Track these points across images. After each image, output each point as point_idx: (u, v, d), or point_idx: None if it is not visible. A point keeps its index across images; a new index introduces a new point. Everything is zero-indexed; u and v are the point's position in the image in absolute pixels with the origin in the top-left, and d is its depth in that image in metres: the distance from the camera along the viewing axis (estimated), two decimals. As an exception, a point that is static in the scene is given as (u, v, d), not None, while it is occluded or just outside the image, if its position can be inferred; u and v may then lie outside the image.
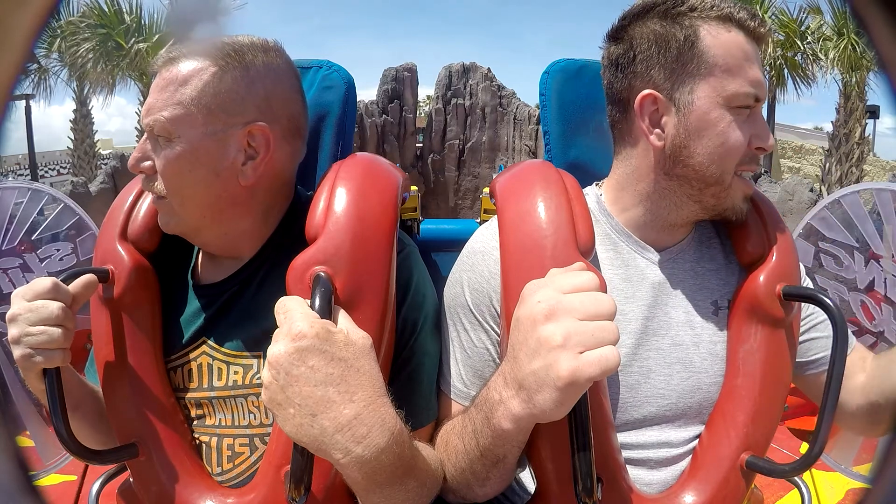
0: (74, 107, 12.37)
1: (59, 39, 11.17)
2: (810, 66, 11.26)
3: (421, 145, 8.45)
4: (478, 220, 1.57)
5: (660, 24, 0.86)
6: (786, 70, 11.44)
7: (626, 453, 0.85)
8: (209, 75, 0.83)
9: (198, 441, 0.90)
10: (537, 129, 7.97)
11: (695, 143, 0.84)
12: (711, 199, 0.88)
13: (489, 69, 8.52)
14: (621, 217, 0.94)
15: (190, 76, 0.83)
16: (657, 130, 0.87)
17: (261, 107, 0.86)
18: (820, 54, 10.76)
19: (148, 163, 0.86)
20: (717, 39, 0.83)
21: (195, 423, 0.90)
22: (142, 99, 11.67)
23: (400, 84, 8.32)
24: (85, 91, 12.29)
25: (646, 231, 0.93)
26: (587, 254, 0.81)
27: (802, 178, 8.31)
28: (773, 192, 7.81)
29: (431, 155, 8.38)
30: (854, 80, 10.41)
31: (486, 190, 1.16)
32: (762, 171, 8.51)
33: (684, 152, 0.85)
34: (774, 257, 0.89)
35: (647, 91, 0.86)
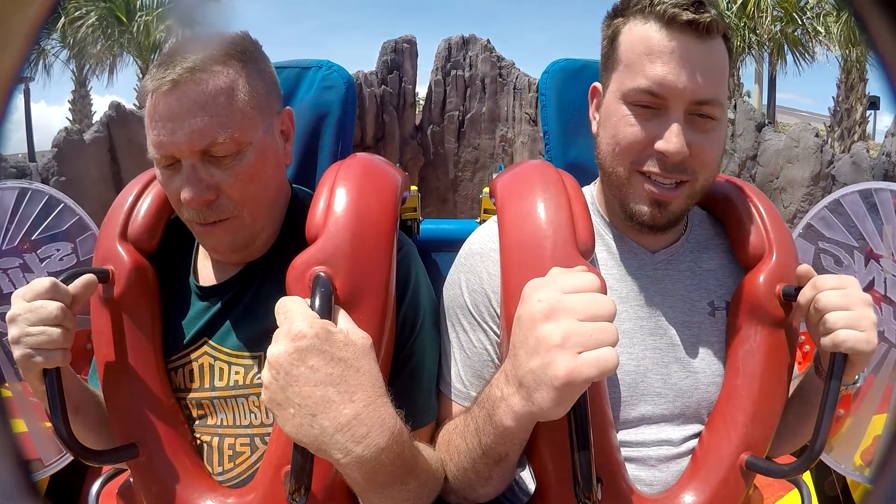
0: (73, 98, 12.32)
1: (62, 18, 11.11)
2: (811, 42, 11.28)
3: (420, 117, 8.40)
4: (478, 220, 1.57)
5: (608, 22, 0.89)
6: (786, 46, 11.47)
7: (625, 451, 0.85)
8: (244, 75, 0.83)
9: (199, 441, 0.90)
10: (537, 97, 7.89)
11: (601, 135, 0.89)
12: (617, 195, 0.89)
13: (488, 40, 8.39)
14: (612, 217, 0.94)
15: (232, 83, 0.81)
16: (596, 119, 0.92)
17: (277, 90, 0.91)
18: (820, 28, 10.77)
19: (211, 191, 0.81)
20: (628, 34, 0.85)
21: (196, 423, 0.90)
22: (141, 75, 11.56)
23: (399, 55, 8.18)
24: (84, 71, 12.27)
25: (629, 231, 0.93)
26: (587, 254, 0.81)
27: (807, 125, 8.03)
28: (779, 140, 7.54)
29: (431, 126, 8.28)
30: (854, 55, 10.37)
31: (486, 190, 1.16)
32: (766, 122, 8.19)
33: (597, 141, 0.90)
34: (774, 257, 0.89)
35: (594, 83, 0.93)
